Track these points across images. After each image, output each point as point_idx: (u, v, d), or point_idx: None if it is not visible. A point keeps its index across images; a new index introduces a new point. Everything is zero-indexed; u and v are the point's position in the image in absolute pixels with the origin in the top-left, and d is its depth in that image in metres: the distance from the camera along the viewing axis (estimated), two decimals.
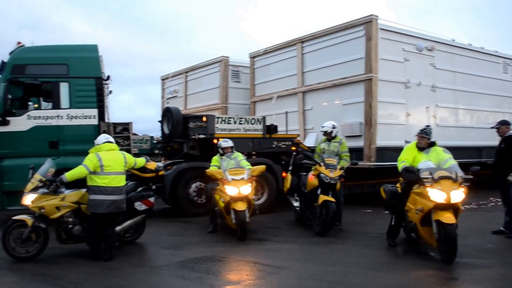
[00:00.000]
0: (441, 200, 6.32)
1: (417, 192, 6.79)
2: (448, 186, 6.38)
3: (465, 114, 14.32)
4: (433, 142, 7.33)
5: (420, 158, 7.15)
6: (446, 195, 6.31)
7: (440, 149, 7.23)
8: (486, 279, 5.70)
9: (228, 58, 15.99)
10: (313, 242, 7.94)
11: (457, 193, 6.39)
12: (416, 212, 6.69)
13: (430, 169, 6.67)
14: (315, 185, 8.57)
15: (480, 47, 14.96)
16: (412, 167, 6.96)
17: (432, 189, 6.42)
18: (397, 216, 7.48)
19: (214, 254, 7.08)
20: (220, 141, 9.30)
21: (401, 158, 7.36)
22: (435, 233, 6.44)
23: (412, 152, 7.34)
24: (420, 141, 7.32)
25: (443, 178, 6.47)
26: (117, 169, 7.02)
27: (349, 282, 5.57)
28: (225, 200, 8.20)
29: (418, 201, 6.70)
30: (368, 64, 11.41)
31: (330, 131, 9.44)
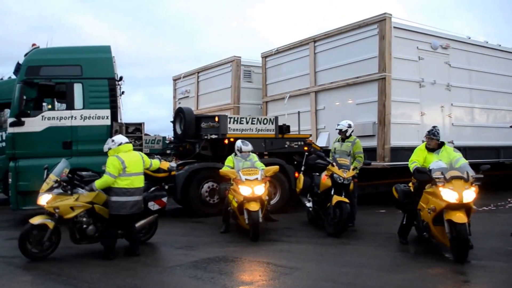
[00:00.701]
0: (453, 200, 6.38)
1: (429, 192, 6.84)
2: (459, 185, 6.45)
3: (481, 113, 14.13)
4: (443, 142, 7.48)
5: (431, 158, 7.25)
6: (458, 195, 6.37)
7: (450, 149, 7.42)
8: (505, 282, 5.61)
9: (240, 58, 16.01)
10: (326, 243, 7.87)
11: (468, 192, 6.44)
12: (428, 211, 6.74)
13: (441, 169, 6.73)
14: (328, 186, 8.51)
15: (497, 45, 14.75)
16: (423, 167, 7.06)
17: (444, 189, 6.47)
18: (409, 215, 7.59)
19: (226, 254, 7.05)
20: (240, 142, 9.18)
21: (412, 159, 7.48)
22: (448, 232, 6.48)
23: (422, 153, 7.46)
24: (429, 143, 7.45)
25: (454, 178, 6.53)
26: (138, 169, 7.10)
27: (363, 284, 5.51)
28: (238, 200, 8.17)
29: (430, 201, 6.75)
30: (382, 63, 11.31)
31: (345, 129, 9.34)
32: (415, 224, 7.58)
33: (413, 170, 7.20)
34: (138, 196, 7.04)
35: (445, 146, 7.49)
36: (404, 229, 7.77)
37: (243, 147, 9.05)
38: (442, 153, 7.28)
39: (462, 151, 12.56)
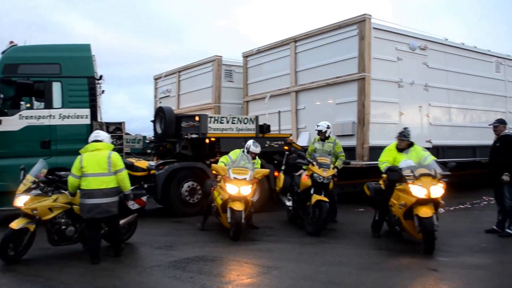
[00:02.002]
0: (422, 195, 6.91)
1: (400, 189, 7.36)
2: (428, 182, 6.99)
3: (458, 113, 14.39)
4: (412, 143, 7.95)
5: (400, 158, 7.76)
6: (427, 191, 6.91)
7: (419, 148, 7.98)
8: (479, 278, 5.72)
9: (221, 58, 16.00)
10: (306, 241, 7.93)
11: (436, 188, 7.00)
12: (399, 207, 7.28)
13: (411, 167, 7.30)
14: (308, 185, 8.58)
15: (473, 46, 15.03)
16: (395, 166, 7.58)
17: (413, 186, 7.01)
18: (381, 211, 8.07)
19: (206, 254, 7.05)
20: (251, 142, 9.18)
21: (382, 159, 7.99)
22: (417, 226, 6.97)
23: (392, 154, 7.95)
24: (400, 143, 7.93)
25: (423, 175, 7.07)
26: (96, 170, 6.66)
27: (341, 282, 5.57)
28: (223, 197, 8.17)
29: (401, 197, 7.29)
30: (361, 63, 11.44)
31: (325, 130, 9.56)
32: (386, 219, 8.05)
33: (385, 169, 7.71)
34: (98, 198, 6.60)
35: (415, 145, 7.96)
36: (376, 224, 8.24)
37: (251, 148, 9.05)
38: (411, 153, 7.79)
39: (439, 150, 12.91)
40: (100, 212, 6.65)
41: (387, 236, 8.19)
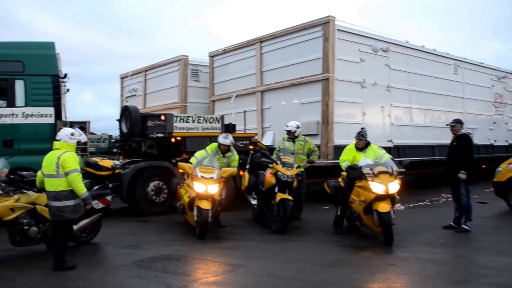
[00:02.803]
0: (381, 191, 7.38)
1: (360, 186, 7.79)
2: (386, 179, 7.48)
3: (419, 114, 14.80)
4: (369, 142, 8.46)
5: (358, 157, 8.24)
6: (385, 187, 7.39)
7: (375, 147, 8.52)
8: (437, 272, 5.93)
9: (187, 57, 16.00)
10: (271, 239, 8.04)
11: (393, 184, 7.49)
12: (359, 203, 7.70)
13: (370, 165, 7.75)
14: (272, 183, 8.69)
15: (433, 49, 15.49)
16: (355, 164, 8.03)
17: (373, 183, 7.46)
18: (342, 207, 8.42)
19: (171, 252, 7.08)
20: (221, 135, 9.38)
21: (343, 158, 8.46)
22: (376, 220, 7.42)
23: (351, 153, 8.44)
24: (359, 143, 8.44)
25: (381, 173, 7.56)
26: (48, 171, 6.34)
27: (305, 279, 5.68)
28: (190, 195, 8.17)
29: (361, 193, 7.70)
30: (325, 64, 11.64)
31: (294, 130, 9.82)
32: (347, 215, 8.40)
33: (346, 167, 8.12)
34: (50, 200, 6.31)
35: (371, 145, 8.50)
36: (338, 220, 8.57)
37: (220, 139, 9.15)
38: (368, 152, 8.32)
39: (400, 149, 13.27)
40: (53, 214, 6.33)
41: (348, 232, 8.49)
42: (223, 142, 9.09)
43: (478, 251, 7.24)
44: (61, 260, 6.28)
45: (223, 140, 9.11)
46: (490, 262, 6.40)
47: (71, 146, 6.53)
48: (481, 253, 7.07)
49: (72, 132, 6.61)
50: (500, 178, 10.82)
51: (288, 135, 9.91)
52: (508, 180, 10.58)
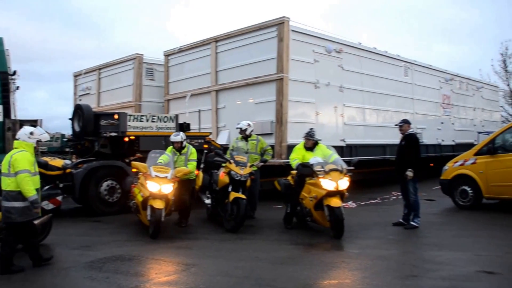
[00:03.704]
0: (332, 188, 7.74)
1: (311, 183, 8.12)
2: (336, 176, 7.87)
3: (371, 114, 15.13)
4: (317, 142, 8.78)
5: (308, 155, 8.55)
6: (336, 184, 7.76)
7: (323, 146, 8.85)
8: (386, 268, 6.10)
9: (142, 56, 15.79)
10: (224, 238, 8.04)
11: (343, 181, 7.88)
12: (310, 199, 8.05)
13: (320, 163, 8.11)
14: (226, 182, 8.72)
15: (384, 51, 15.90)
16: (307, 162, 8.30)
17: (324, 180, 7.81)
18: (292, 204, 8.71)
19: (124, 253, 6.98)
20: (172, 134, 9.41)
21: (293, 157, 8.70)
22: (327, 215, 7.76)
23: (301, 152, 8.72)
24: (307, 142, 8.74)
25: (332, 170, 7.93)
26: (3, 169, 6.18)
27: (257, 277, 5.70)
28: (144, 195, 8.09)
29: (312, 190, 8.04)
30: (280, 64, 11.74)
31: (245, 128, 9.90)
32: (296, 212, 8.67)
33: (297, 165, 8.40)
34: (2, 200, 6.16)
35: (319, 144, 8.82)
36: (288, 217, 8.88)
37: (171, 138, 9.19)
38: (317, 151, 8.66)
39: (352, 148, 13.55)
40: (2, 216, 6.17)
41: (300, 228, 8.68)
42: (174, 139, 9.12)
43: (425, 247, 7.48)
44: (7, 263, 6.06)
45: (174, 138, 9.15)
46: (436, 257, 6.62)
47: (29, 145, 6.33)
48: (427, 248, 7.31)
49: (32, 131, 6.40)
50: (446, 176, 11.25)
51: (240, 134, 9.97)
52: (453, 178, 11.02)
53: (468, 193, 10.72)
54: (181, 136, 9.19)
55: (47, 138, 6.87)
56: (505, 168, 10.09)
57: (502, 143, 10.57)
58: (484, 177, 10.40)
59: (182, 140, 9.14)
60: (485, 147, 10.65)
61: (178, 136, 9.16)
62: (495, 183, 10.25)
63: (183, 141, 9.17)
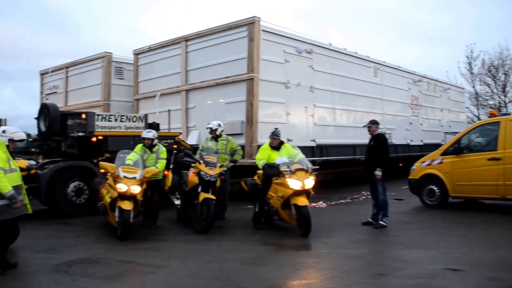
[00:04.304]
0: (298, 187, 7.87)
1: (278, 183, 8.23)
2: (302, 176, 8.00)
3: (341, 114, 15.25)
4: (282, 141, 8.92)
5: (273, 155, 8.64)
6: (302, 183, 7.89)
7: (289, 146, 8.99)
8: (355, 267, 6.13)
9: (111, 54, 15.52)
10: (194, 239, 7.98)
11: (309, 181, 8.02)
12: (277, 198, 8.18)
13: (286, 163, 8.24)
14: (195, 183, 8.64)
15: (354, 52, 16.06)
16: (273, 162, 8.41)
17: (290, 179, 7.93)
18: (260, 204, 8.80)
19: (91, 255, 6.84)
20: (144, 131, 9.34)
21: (259, 157, 8.77)
22: (294, 214, 7.90)
23: (267, 152, 8.79)
24: (273, 142, 8.82)
25: (298, 170, 8.05)
26: None
27: (226, 278, 5.67)
28: (112, 196, 7.95)
29: (279, 190, 8.16)
30: (250, 64, 11.73)
31: (215, 128, 9.88)
32: (264, 211, 8.78)
33: (263, 165, 8.50)
34: None
35: (285, 144, 8.96)
36: (257, 216, 8.93)
37: (143, 134, 9.10)
38: (282, 151, 8.76)
39: (323, 148, 13.64)
40: None
41: (270, 229, 8.71)
42: (146, 135, 9.02)
43: (393, 246, 7.60)
44: None
45: (145, 134, 9.06)
46: (403, 255, 6.74)
47: (1, 143, 6.23)
48: (396, 247, 7.42)
49: (4, 130, 6.38)
50: (414, 176, 11.43)
51: (211, 134, 9.93)
52: (421, 177, 11.21)
53: (435, 192, 10.91)
54: (153, 133, 9.11)
55: (21, 137, 6.73)
56: (470, 168, 10.33)
57: (467, 143, 10.82)
58: (450, 176, 10.62)
59: (154, 138, 9.06)
60: (451, 147, 10.88)
61: (150, 133, 9.07)
62: (460, 183, 10.47)
63: (155, 138, 9.08)
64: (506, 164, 9.74)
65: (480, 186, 10.18)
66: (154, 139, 9.08)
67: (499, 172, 9.81)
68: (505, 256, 6.55)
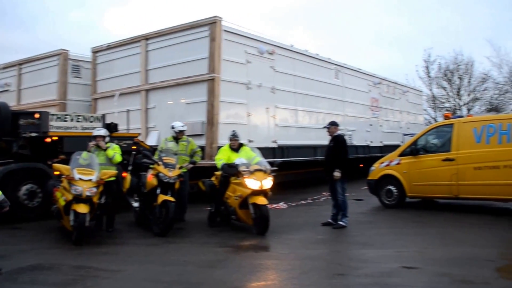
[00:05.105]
0: (256, 187, 8.16)
1: (236, 183, 8.51)
2: (260, 176, 8.31)
3: (303, 115, 15.35)
4: (242, 143, 9.26)
5: (233, 156, 8.91)
6: (260, 183, 8.18)
7: (248, 149, 9.26)
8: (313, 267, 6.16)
9: (68, 52, 15.07)
10: (153, 243, 7.84)
11: (267, 181, 8.33)
12: (235, 198, 8.40)
13: (245, 164, 8.52)
14: (154, 185, 8.50)
15: (316, 54, 16.20)
16: (232, 163, 8.66)
17: (249, 179, 8.21)
18: (216, 203, 9.05)
19: (43, 261, 6.59)
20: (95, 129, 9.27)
21: (218, 157, 9.05)
22: (252, 213, 8.16)
23: (226, 153, 9.07)
24: (233, 143, 9.12)
25: (257, 170, 8.36)
26: None
27: (185, 281, 5.60)
28: (67, 199, 7.70)
29: (237, 190, 8.41)
30: (211, 64, 11.64)
31: (181, 130, 9.75)
32: (221, 211, 9.02)
33: (222, 165, 8.77)
34: None
35: (244, 146, 9.27)
36: (212, 215, 9.26)
37: (94, 132, 8.97)
38: (241, 152, 9.04)
39: (284, 150, 13.68)
40: None
41: (230, 231, 8.74)
42: (97, 133, 8.86)
43: (352, 245, 7.71)
44: None
45: (97, 132, 8.91)
46: (362, 255, 6.82)
47: None
48: (354, 247, 7.53)
49: None
50: (373, 176, 11.62)
51: (177, 135, 9.80)
52: (380, 178, 11.41)
53: (393, 192, 11.13)
54: (105, 131, 8.98)
55: None
56: (426, 168, 10.60)
57: (423, 145, 11.10)
58: (408, 177, 10.85)
59: (105, 135, 8.89)
60: (408, 148, 11.12)
61: (102, 131, 8.94)
62: (417, 183, 10.72)
63: (106, 136, 8.92)
64: (459, 165, 10.05)
65: (435, 186, 10.46)
66: (106, 136, 8.90)
67: (453, 172, 10.11)
68: (456, 253, 6.75)
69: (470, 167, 9.95)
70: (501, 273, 5.76)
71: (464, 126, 10.28)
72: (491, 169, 9.69)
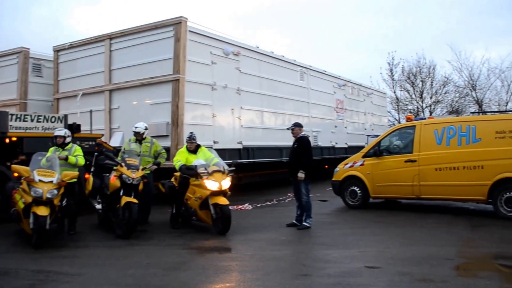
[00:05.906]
0: (215, 188, 8.27)
1: (195, 184, 8.59)
2: (219, 177, 8.42)
3: (268, 117, 15.40)
4: (199, 145, 9.28)
5: (191, 158, 8.98)
6: (219, 184, 8.29)
7: (205, 150, 9.34)
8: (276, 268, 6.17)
9: (28, 50, 14.70)
10: (115, 245, 7.73)
11: (225, 182, 8.45)
12: (195, 199, 8.49)
13: (203, 165, 8.61)
14: (117, 186, 8.38)
15: (281, 55, 16.30)
16: (190, 165, 8.73)
17: (208, 181, 8.31)
18: (177, 205, 9.10)
19: (0, 266, 6.39)
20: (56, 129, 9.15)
21: (176, 159, 9.04)
22: (213, 214, 8.25)
23: (184, 155, 9.11)
24: (190, 146, 9.17)
25: (215, 172, 8.47)
26: None
27: (148, 284, 5.54)
28: (26, 201, 7.48)
29: (197, 191, 8.50)
30: (176, 65, 11.57)
31: (143, 132, 9.61)
32: (181, 212, 9.07)
33: (180, 167, 8.76)
34: None
35: (202, 147, 9.31)
36: (174, 217, 9.26)
37: (55, 132, 8.81)
38: (199, 154, 9.13)
39: (249, 151, 13.71)
40: None
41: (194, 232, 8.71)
42: (58, 133, 8.70)
43: (316, 246, 7.75)
44: None
45: (57, 132, 8.76)
46: (325, 255, 6.89)
47: None
48: (318, 248, 7.58)
49: None
50: (337, 177, 11.75)
51: (136, 137, 9.64)
52: (344, 179, 11.54)
53: (357, 193, 11.28)
54: (65, 131, 8.82)
55: None
56: (388, 169, 10.80)
57: (386, 146, 11.31)
58: (371, 178, 11.03)
59: (66, 136, 8.71)
60: (372, 149, 11.30)
61: (62, 131, 8.79)
62: (380, 183, 10.91)
63: (67, 136, 8.74)
64: (421, 166, 10.28)
65: (398, 187, 10.66)
66: (67, 137, 8.72)
67: (415, 173, 10.33)
68: (416, 252, 6.89)
69: (431, 168, 10.19)
70: (459, 271, 5.92)
71: (425, 128, 10.52)
72: (451, 170, 9.95)
